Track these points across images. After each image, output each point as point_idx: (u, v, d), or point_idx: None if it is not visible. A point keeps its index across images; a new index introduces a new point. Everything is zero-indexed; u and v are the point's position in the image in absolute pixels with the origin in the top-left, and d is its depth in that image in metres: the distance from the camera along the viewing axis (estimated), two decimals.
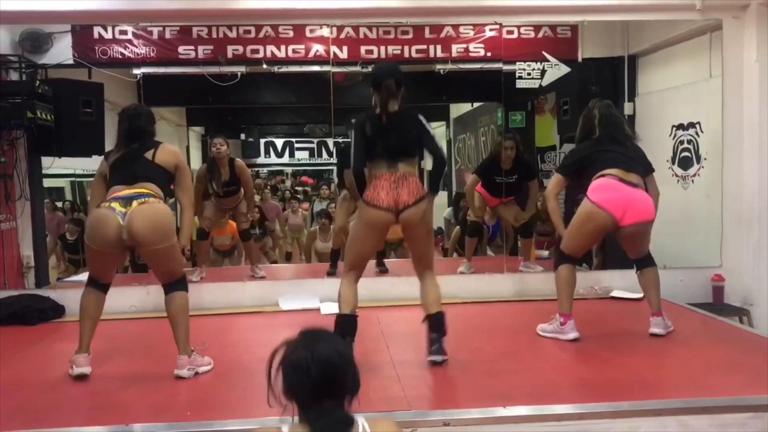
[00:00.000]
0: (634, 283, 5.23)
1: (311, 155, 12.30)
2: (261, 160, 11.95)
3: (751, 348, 3.89)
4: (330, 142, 10.83)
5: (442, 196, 10.57)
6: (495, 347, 4.04)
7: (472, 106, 9.48)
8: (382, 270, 6.17)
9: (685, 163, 6.04)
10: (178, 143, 9.98)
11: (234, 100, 7.97)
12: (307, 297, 5.12)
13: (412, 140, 3.66)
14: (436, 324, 3.61)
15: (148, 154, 3.67)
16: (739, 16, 5.26)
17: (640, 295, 5.18)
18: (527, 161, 6.39)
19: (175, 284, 3.60)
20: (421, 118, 3.69)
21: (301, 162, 12.51)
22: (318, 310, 4.96)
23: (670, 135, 6.19)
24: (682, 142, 6.07)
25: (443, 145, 10.80)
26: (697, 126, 5.87)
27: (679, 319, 4.57)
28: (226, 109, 9.61)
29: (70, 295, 4.85)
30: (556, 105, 7.22)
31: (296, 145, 12.23)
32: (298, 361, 1.72)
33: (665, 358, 3.85)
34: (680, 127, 6.07)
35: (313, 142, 12.05)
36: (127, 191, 3.51)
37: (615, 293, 5.34)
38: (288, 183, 13.61)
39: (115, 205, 3.46)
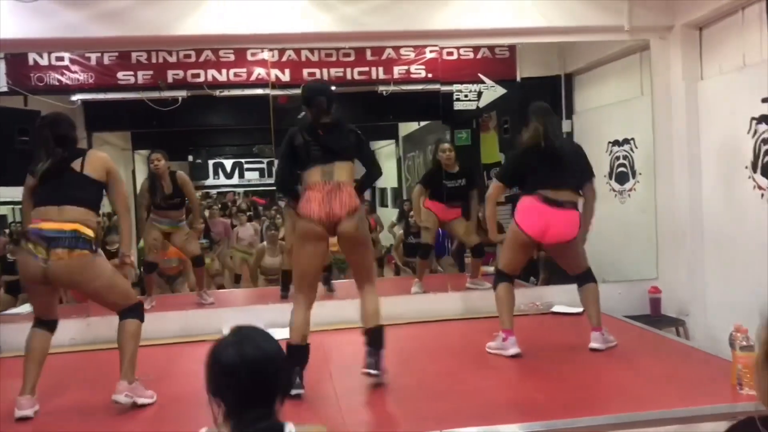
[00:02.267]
0: (575, 298, 5.36)
1: (261, 175, 12.23)
2: (210, 181, 11.80)
3: (684, 360, 4.02)
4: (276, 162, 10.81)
5: (393, 214, 10.67)
6: (438, 368, 4.07)
7: (419, 124, 9.59)
8: (329, 290, 6.17)
9: (621, 179, 6.22)
10: (123, 167, 9.86)
11: (179, 123, 7.90)
12: (253, 324, 5.07)
13: (349, 146, 3.69)
14: (373, 338, 3.63)
15: (76, 165, 3.51)
16: (665, 36, 5.47)
17: (581, 309, 5.33)
18: (471, 165, 6.45)
19: (127, 311, 3.57)
20: (358, 131, 3.75)
21: (251, 183, 12.44)
22: None
23: (606, 151, 6.37)
24: (618, 158, 6.25)
25: (392, 164, 10.92)
26: (632, 142, 6.06)
27: (617, 332, 4.67)
28: (172, 132, 9.48)
29: (6, 330, 4.71)
30: (497, 124, 7.36)
31: (246, 166, 12.14)
32: (226, 363, 1.69)
33: (603, 372, 3.93)
34: (616, 143, 6.26)
35: (263, 162, 12.01)
36: (52, 225, 3.37)
37: (556, 308, 5.45)
38: (240, 203, 13.51)
39: (37, 250, 3.33)
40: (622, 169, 6.21)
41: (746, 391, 3.20)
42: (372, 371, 3.58)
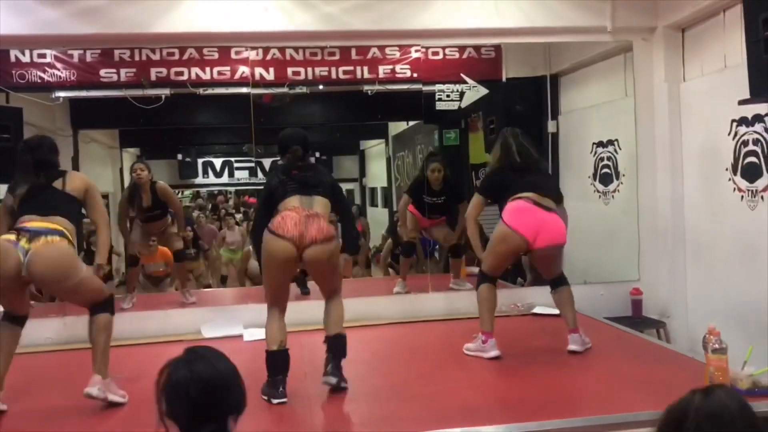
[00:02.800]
0: None
1: (251, 174, 12.21)
2: (199, 180, 11.79)
3: (661, 362, 4.00)
4: (267, 162, 10.79)
5: (383, 214, 10.67)
6: (412, 370, 4.05)
7: (407, 124, 9.58)
8: (305, 292, 6.13)
9: (605, 180, 6.21)
10: (111, 165, 9.84)
11: (166, 121, 7.89)
12: (230, 324, 5.06)
13: (326, 182, 3.74)
14: (334, 346, 3.60)
15: (57, 184, 3.63)
16: (647, 38, 5.47)
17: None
18: (455, 184, 6.44)
19: (97, 307, 3.57)
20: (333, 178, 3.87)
21: (240, 181, 12.41)
22: (241, 336, 4.91)
23: (591, 152, 6.37)
24: (602, 159, 6.24)
25: (382, 164, 10.92)
26: (615, 143, 6.06)
27: (596, 333, 4.68)
28: (161, 130, 9.49)
29: None
30: (482, 124, 7.35)
31: (236, 165, 12.13)
32: (177, 381, 1.69)
33: (579, 375, 3.93)
34: (600, 144, 6.25)
35: (252, 161, 11.99)
36: (37, 223, 3.44)
37: (537, 309, 5.43)
38: (231, 203, 13.48)
39: (18, 239, 3.38)
40: (606, 170, 6.20)
41: None
42: (332, 380, 3.53)
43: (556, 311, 5.18)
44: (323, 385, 3.56)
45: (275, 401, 3.42)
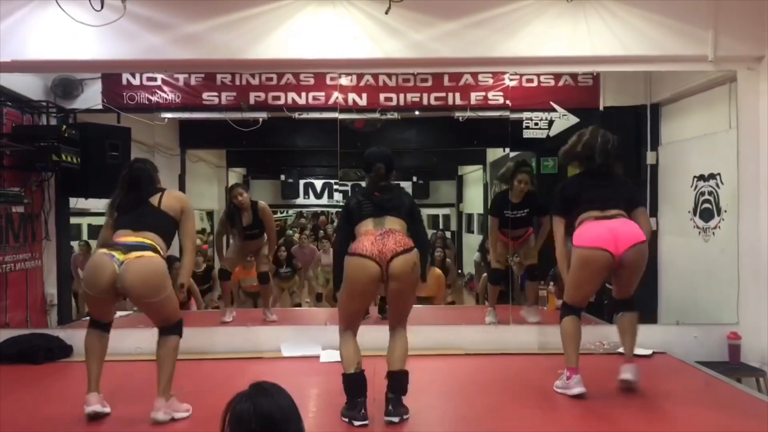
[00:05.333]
0: (644, 339, 5.13)
1: (345, 197, 12.42)
2: (300, 200, 12.14)
3: (758, 416, 3.70)
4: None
5: (478, 240, 10.56)
6: (485, 403, 3.97)
7: (504, 150, 9.45)
8: (385, 317, 6.10)
9: (705, 215, 5.87)
10: (217, 184, 10.30)
11: (268, 143, 8.21)
12: (309, 344, 5.14)
13: (401, 206, 3.72)
14: (395, 383, 3.57)
15: (154, 200, 3.80)
16: (753, 67, 5.17)
17: (650, 351, 5.08)
18: (534, 198, 6.21)
19: (169, 328, 3.70)
20: (413, 200, 3.85)
21: (339, 203, 12.65)
22: (318, 357, 4.97)
23: (691, 186, 6.04)
24: (703, 194, 5.91)
25: (479, 190, 10.82)
26: (718, 177, 5.72)
27: (687, 378, 4.47)
28: (264, 152, 9.88)
29: (79, 335, 4.96)
30: None
31: (335, 187, 12.39)
32: (240, 414, 1.77)
33: (665, 422, 3.70)
34: (701, 178, 5.92)
35: (347, 185, 12.20)
36: (131, 238, 3.63)
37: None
38: (332, 226, 13.77)
39: (114, 252, 3.56)
40: (706, 205, 5.86)
41: None
42: (394, 420, 3.50)
43: (645, 352, 4.99)
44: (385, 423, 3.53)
45: (357, 423, 3.45)
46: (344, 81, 6.32)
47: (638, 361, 4.79)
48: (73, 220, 6.60)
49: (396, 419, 3.49)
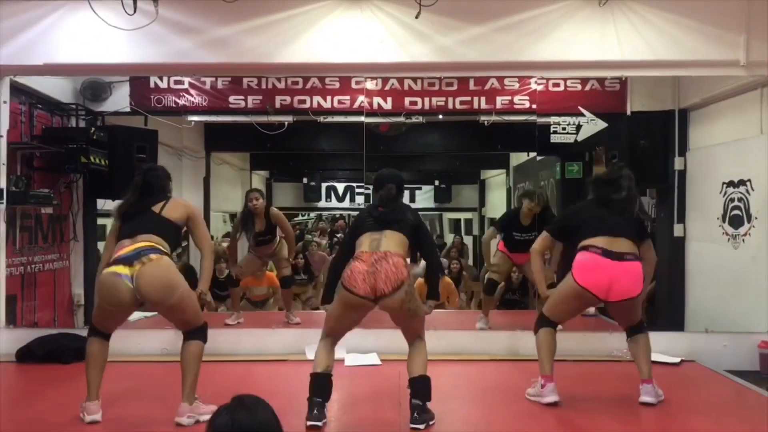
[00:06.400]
0: (673, 347, 5.08)
1: (367, 201, 12.44)
2: (322, 203, 12.20)
3: None
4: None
5: (494, 242, 10.49)
6: (511, 409, 3.95)
7: (528, 155, 9.42)
8: None
9: (735, 222, 5.79)
10: (240, 186, 10.37)
11: (292, 146, 8.26)
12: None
13: (402, 219, 3.71)
14: (418, 388, 3.55)
15: (156, 207, 3.74)
16: None
17: (678, 359, 5.01)
18: (547, 218, 6.20)
19: (193, 333, 3.67)
20: (421, 218, 3.82)
21: (361, 207, 12.68)
22: (342, 361, 4.96)
23: (720, 192, 5.97)
24: (732, 200, 5.83)
25: (502, 194, 10.78)
26: (748, 183, 5.64)
27: (715, 387, 4.40)
28: (288, 155, 9.95)
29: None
30: (605, 158, 7.09)
31: (357, 190, 12.42)
32: (219, 428, 1.77)
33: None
34: (731, 184, 5.85)
35: (369, 189, 12.19)
36: (128, 249, 3.56)
37: (653, 357, 5.11)
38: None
39: (119, 269, 3.50)
40: (736, 211, 5.78)
41: None
42: (420, 428, 3.48)
43: (672, 359, 4.94)
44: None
45: (308, 423, 3.44)
46: (370, 85, 6.34)
47: (663, 371, 4.79)
48: (100, 222, 6.65)
49: (421, 426, 3.47)
